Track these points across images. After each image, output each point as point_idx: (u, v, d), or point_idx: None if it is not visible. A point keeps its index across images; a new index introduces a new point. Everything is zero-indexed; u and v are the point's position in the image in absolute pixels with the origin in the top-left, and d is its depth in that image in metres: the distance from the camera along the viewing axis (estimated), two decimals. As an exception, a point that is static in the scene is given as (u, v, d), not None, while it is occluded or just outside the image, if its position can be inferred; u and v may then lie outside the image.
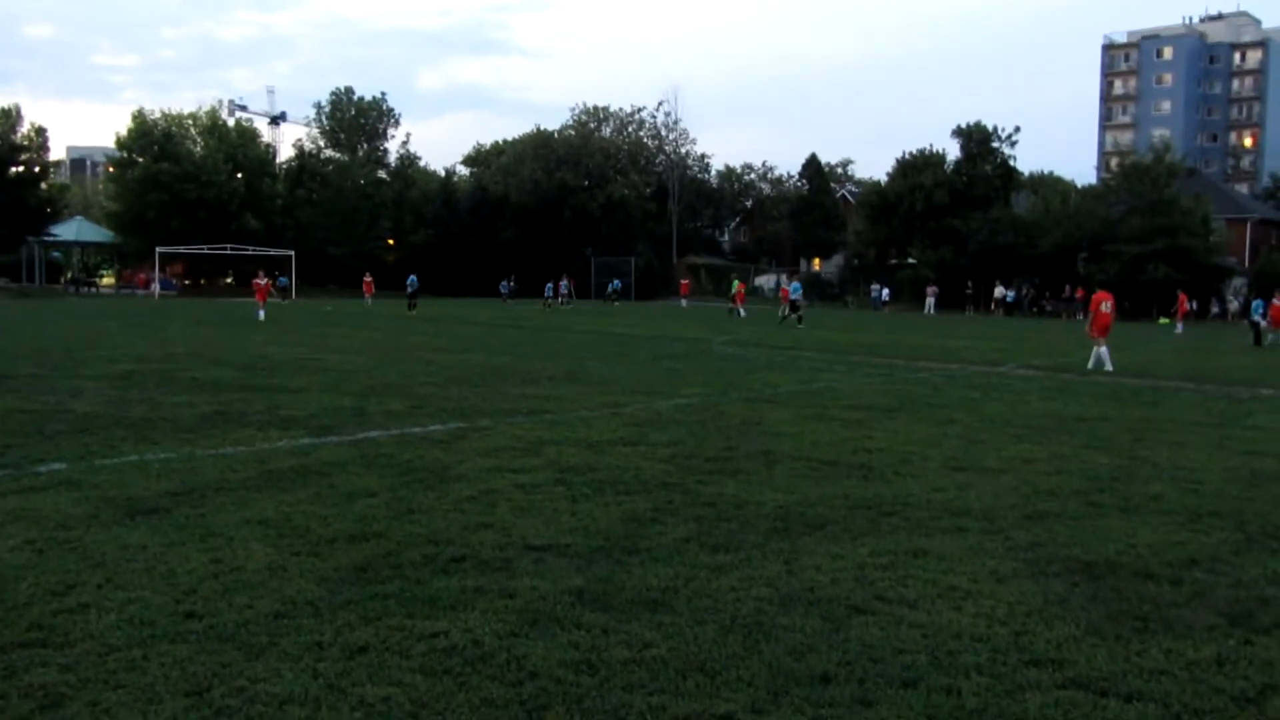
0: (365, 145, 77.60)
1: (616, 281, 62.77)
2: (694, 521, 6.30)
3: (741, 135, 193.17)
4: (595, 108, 78.90)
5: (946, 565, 5.46)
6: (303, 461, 7.97)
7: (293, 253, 59.36)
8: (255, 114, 76.53)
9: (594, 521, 6.24)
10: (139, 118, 64.65)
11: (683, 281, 64.25)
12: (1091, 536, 6.14)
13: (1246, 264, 62.66)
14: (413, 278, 43.15)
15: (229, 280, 67.29)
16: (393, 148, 78.39)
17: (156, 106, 71.66)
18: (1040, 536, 6.12)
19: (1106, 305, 19.58)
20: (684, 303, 57.88)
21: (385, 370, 15.70)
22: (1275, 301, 31.06)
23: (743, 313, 42.17)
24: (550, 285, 52.11)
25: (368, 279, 52.39)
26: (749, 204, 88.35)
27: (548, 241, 71.42)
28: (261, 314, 32.28)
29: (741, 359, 19.96)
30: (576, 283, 57.07)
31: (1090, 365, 18.74)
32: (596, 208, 71.72)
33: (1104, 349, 18.83)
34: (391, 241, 70.58)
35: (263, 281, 35.21)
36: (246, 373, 14.75)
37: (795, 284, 38.57)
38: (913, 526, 6.31)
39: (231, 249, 59.30)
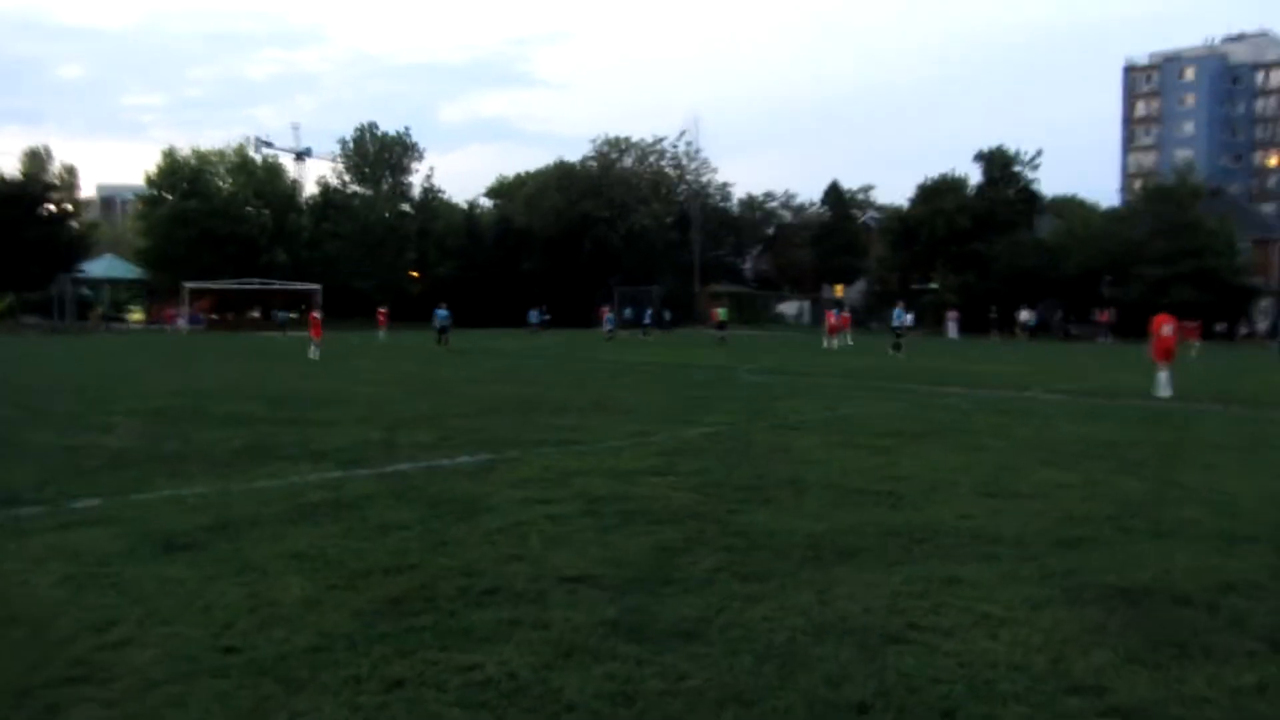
0: (389, 179, 78.25)
1: (649, 311, 60.44)
2: (725, 551, 6.30)
3: (762, 163, 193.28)
4: (617, 138, 79.22)
5: (980, 593, 5.43)
6: (334, 495, 8.03)
7: (319, 286, 59.81)
8: (281, 150, 77.24)
9: (625, 552, 6.25)
10: (169, 155, 65.68)
11: (713, 310, 63.94)
12: (1126, 562, 6.09)
13: (1274, 284, 62.06)
14: (443, 311, 39.29)
15: (255, 315, 67.91)
16: (416, 181, 79.02)
17: (185, 144, 72.69)
18: (1074, 563, 6.08)
19: (1168, 328, 18.90)
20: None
21: (414, 402, 15.79)
22: None
23: (835, 344, 39.57)
24: (611, 316, 49.97)
25: (381, 310, 50.34)
26: (770, 231, 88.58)
27: (570, 271, 71.73)
28: (316, 351, 29.41)
29: (766, 386, 19.95)
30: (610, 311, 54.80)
31: (1160, 392, 17.84)
32: (618, 238, 71.99)
33: (1163, 373, 18.21)
34: (416, 274, 71.04)
35: (319, 316, 33.00)
36: (277, 406, 14.88)
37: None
38: (945, 554, 6.28)
39: (259, 283, 59.92)
